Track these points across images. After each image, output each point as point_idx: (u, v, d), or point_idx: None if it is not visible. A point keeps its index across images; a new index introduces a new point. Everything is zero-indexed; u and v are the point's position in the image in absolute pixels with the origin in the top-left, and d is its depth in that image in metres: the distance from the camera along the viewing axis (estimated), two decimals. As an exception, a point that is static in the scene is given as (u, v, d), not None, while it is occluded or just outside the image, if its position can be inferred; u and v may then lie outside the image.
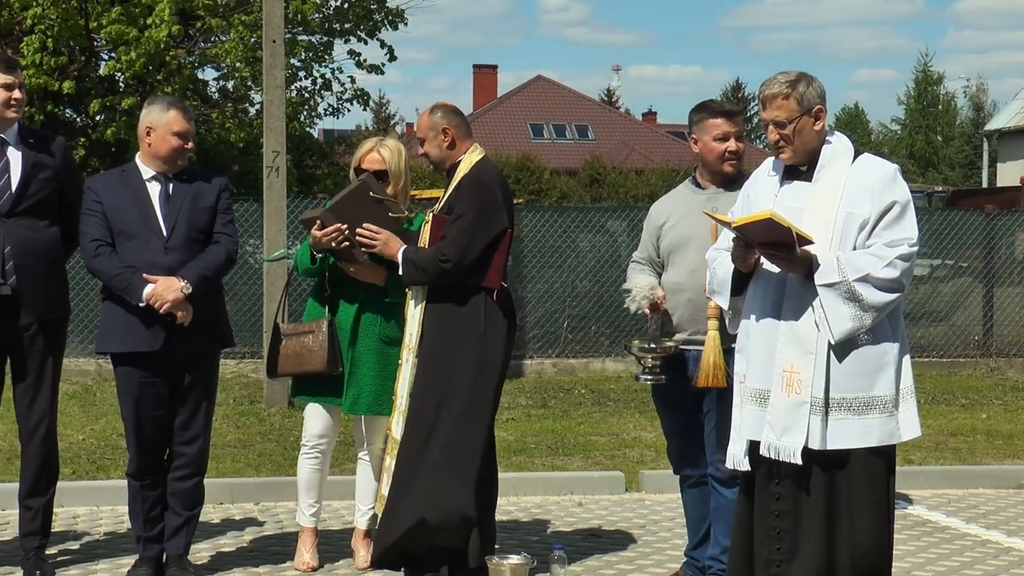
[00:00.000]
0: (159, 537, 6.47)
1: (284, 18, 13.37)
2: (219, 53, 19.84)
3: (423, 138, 6.35)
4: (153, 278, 6.15)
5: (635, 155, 51.40)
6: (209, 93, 22.92)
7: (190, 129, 6.38)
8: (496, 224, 6.11)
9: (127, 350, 6.29)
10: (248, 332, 14.66)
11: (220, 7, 19.79)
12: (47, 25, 18.32)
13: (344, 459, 8.88)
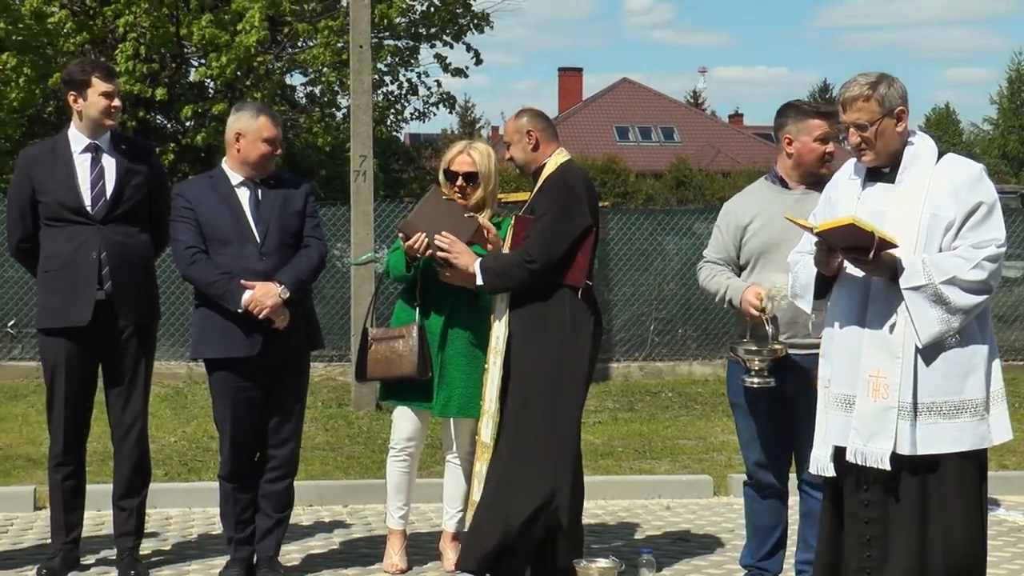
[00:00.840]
0: (250, 539, 6.53)
1: (371, 23, 13.45)
2: (307, 58, 20.01)
3: (509, 142, 6.36)
4: (251, 284, 6.21)
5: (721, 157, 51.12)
6: (296, 98, 23.13)
7: (279, 135, 6.43)
8: (579, 222, 6.08)
9: (225, 356, 6.35)
10: (336, 335, 14.75)
11: (307, 13, 19.97)
12: (139, 33, 18.58)
13: (432, 462, 8.91)
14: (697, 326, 15.60)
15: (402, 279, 6.55)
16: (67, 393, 6.54)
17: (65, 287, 6.41)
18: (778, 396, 6.00)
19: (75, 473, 6.70)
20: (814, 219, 5.18)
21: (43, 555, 6.93)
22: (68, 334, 6.46)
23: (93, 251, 6.39)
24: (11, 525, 7.73)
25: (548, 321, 6.06)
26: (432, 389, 6.50)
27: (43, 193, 6.45)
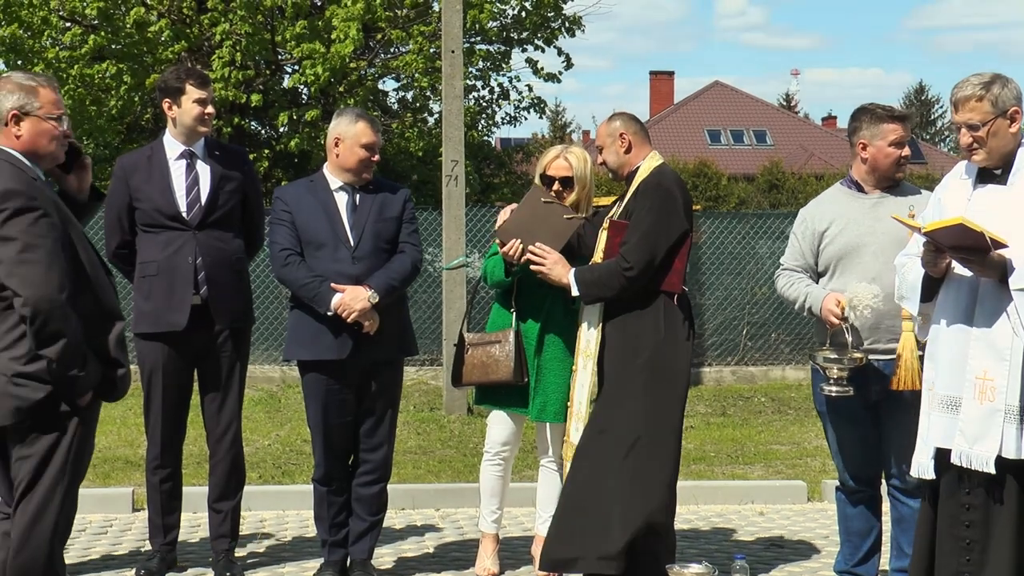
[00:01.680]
0: (344, 541, 6.57)
1: (463, 28, 13.49)
2: (399, 64, 20.12)
3: (601, 146, 6.33)
4: (340, 287, 6.25)
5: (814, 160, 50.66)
6: (389, 103, 23.27)
7: (377, 141, 6.46)
8: (676, 227, 6.02)
9: (315, 358, 6.40)
10: (428, 340, 14.83)
11: (400, 19, 20.08)
12: (235, 40, 18.80)
13: (523, 465, 8.92)
14: (790, 330, 15.48)
15: (500, 284, 6.54)
16: (164, 397, 6.63)
17: (161, 292, 6.51)
18: (861, 403, 5.94)
19: (172, 476, 6.79)
20: (922, 220, 5.13)
21: (141, 556, 7.04)
22: (164, 338, 6.55)
23: (189, 256, 6.48)
24: (111, 526, 7.84)
25: (642, 326, 6.00)
26: (527, 394, 6.50)
27: (139, 199, 6.55)
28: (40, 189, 4.70)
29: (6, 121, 4.78)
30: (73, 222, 4.80)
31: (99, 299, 4.77)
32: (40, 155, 4.83)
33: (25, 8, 18.19)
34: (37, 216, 4.59)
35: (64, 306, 4.55)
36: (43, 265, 4.55)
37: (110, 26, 18.52)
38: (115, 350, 4.79)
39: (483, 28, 20.33)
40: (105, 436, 10.69)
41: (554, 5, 21.39)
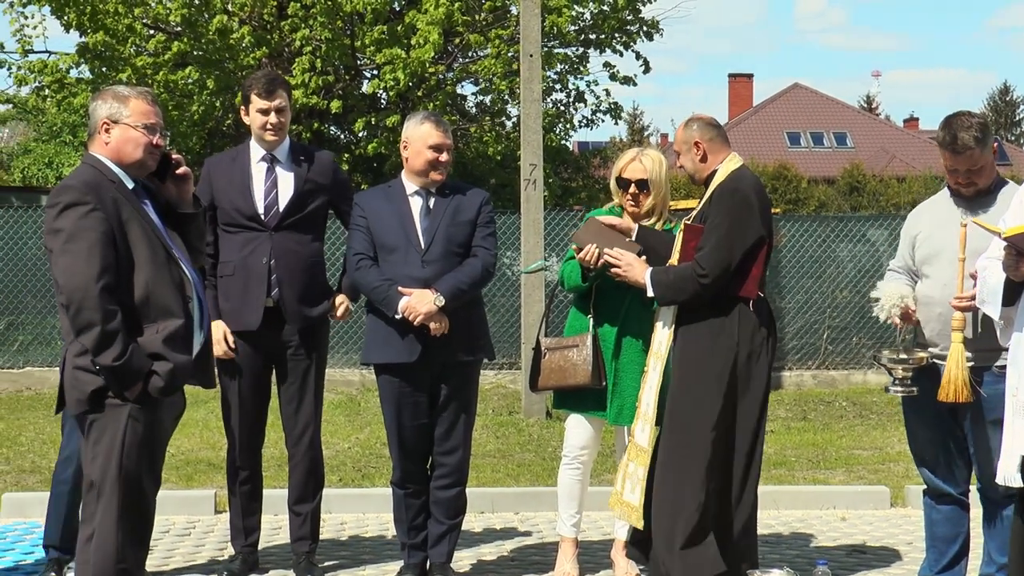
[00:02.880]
0: (423, 544, 6.59)
1: (541, 32, 13.49)
2: (478, 69, 20.16)
3: (679, 151, 6.30)
4: (407, 291, 6.28)
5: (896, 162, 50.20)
6: (467, 107, 23.33)
7: (445, 142, 6.45)
8: (752, 232, 5.95)
9: (386, 361, 6.44)
10: (506, 343, 14.85)
11: (478, 23, 20.12)
12: (315, 46, 18.93)
13: (603, 469, 8.89)
14: (872, 334, 15.32)
15: (577, 289, 6.54)
16: (240, 397, 6.70)
17: (237, 292, 6.58)
18: (943, 405, 5.87)
19: (252, 478, 6.84)
20: (1003, 224, 5.05)
21: (224, 558, 7.10)
22: (240, 338, 6.62)
23: (263, 257, 6.55)
24: (193, 528, 7.92)
25: (716, 331, 5.95)
26: (606, 397, 6.49)
27: (220, 199, 6.63)
28: (101, 187, 4.89)
29: (99, 129, 5.03)
30: (139, 220, 4.94)
31: (153, 295, 4.90)
32: (127, 162, 5.02)
33: (111, 16, 18.43)
34: (87, 211, 4.81)
35: (99, 297, 4.73)
36: (82, 256, 4.77)
37: (193, 33, 18.71)
38: (161, 345, 4.88)
39: (561, 32, 20.31)
40: (188, 438, 10.80)
41: (632, 9, 21.33)
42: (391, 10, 19.64)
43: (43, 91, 20.44)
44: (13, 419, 12.25)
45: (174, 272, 4.99)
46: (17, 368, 15.11)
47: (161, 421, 5.05)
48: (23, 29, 20.20)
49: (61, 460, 6.49)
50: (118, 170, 5.00)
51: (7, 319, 15.64)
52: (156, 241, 4.96)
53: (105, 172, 4.98)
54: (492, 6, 19.91)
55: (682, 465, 5.93)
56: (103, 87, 5.15)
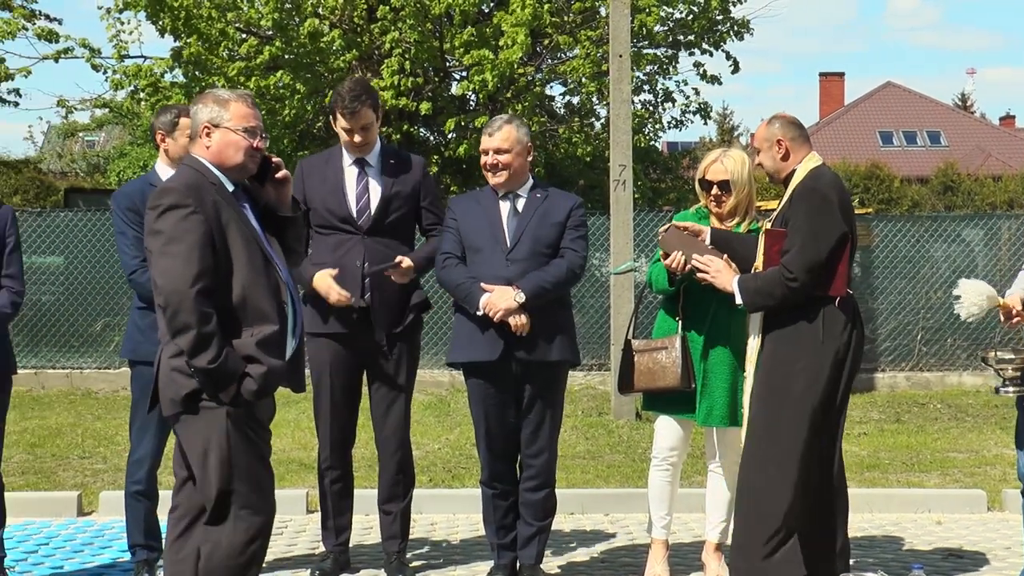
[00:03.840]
0: (512, 545, 6.60)
1: (630, 32, 13.46)
2: (566, 70, 20.15)
3: (759, 148, 6.24)
4: (489, 287, 6.30)
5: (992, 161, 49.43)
6: (555, 108, 23.31)
7: (491, 146, 6.48)
8: (834, 230, 5.87)
9: (469, 360, 6.47)
10: (595, 344, 14.84)
11: (567, 24, 20.12)
12: (404, 48, 19.02)
13: (693, 471, 8.85)
14: (967, 335, 15.12)
15: (664, 291, 6.51)
16: (332, 397, 6.76)
17: None
18: None
19: (342, 477, 6.89)
20: None
21: (315, 557, 7.16)
22: (332, 339, 6.68)
23: (357, 260, 6.60)
24: (285, 528, 7.98)
25: (803, 330, 5.89)
26: (695, 399, 6.45)
27: (313, 200, 6.68)
28: (202, 190, 4.92)
29: (200, 133, 5.07)
30: (238, 223, 4.96)
31: (250, 299, 4.90)
32: (228, 165, 5.07)
33: (204, 21, 18.65)
34: (187, 213, 4.83)
35: (195, 300, 4.75)
36: (180, 259, 4.78)
37: (284, 37, 18.88)
38: (255, 348, 4.88)
39: (650, 32, 20.25)
40: (280, 439, 10.90)
41: (722, 9, 21.21)
42: (479, 12, 19.68)
43: (138, 95, 20.73)
44: (110, 419, 12.45)
45: (271, 276, 5.00)
46: (113, 368, 15.36)
47: (259, 421, 5.06)
48: (119, 35, 20.50)
49: (132, 462, 6.58)
50: (218, 173, 5.04)
51: (103, 320, 15.90)
52: (254, 245, 4.98)
53: (206, 175, 5.01)
54: (581, 7, 19.89)
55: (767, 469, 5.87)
56: (205, 90, 5.15)
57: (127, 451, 6.85)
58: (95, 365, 15.61)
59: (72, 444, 10.96)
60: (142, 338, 6.46)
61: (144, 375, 6.47)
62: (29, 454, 10.39)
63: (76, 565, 7.12)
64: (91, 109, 31.27)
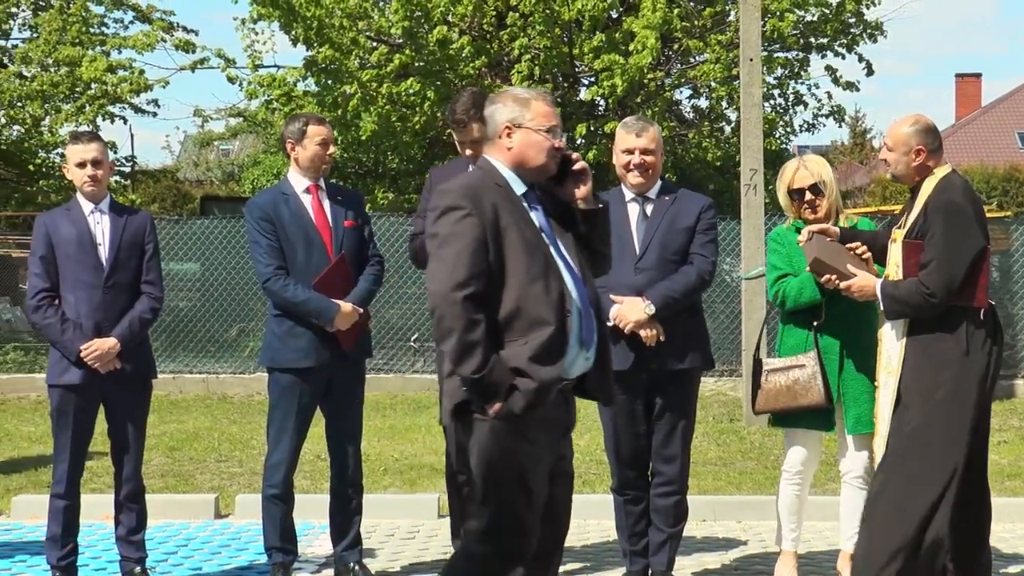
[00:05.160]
0: (644, 552, 6.56)
1: (761, 36, 13.35)
2: (696, 74, 20.05)
3: (892, 148, 6.13)
4: (619, 298, 6.26)
5: None
6: (684, 113, 23.21)
7: (638, 145, 6.38)
8: (972, 244, 5.79)
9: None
10: (726, 350, 14.72)
11: (697, 28, 20.01)
12: (533, 55, 19.08)
13: (827, 479, 8.74)
14: (1111, 341, 14.72)
15: (813, 303, 6.38)
16: None
17: None
18: None
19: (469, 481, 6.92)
20: None
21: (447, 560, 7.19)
22: None
23: None
24: (417, 532, 8.04)
25: (945, 342, 5.80)
26: (824, 411, 6.35)
27: None
28: (482, 192, 4.73)
29: (500, 134, 4.86)
30: (519, 227, 4.72)
31: (525, 306, 4.65)
32: (529, 167, 4.85)
33: (335, 30, 18.89)
34: (462, 215, 4.64)
35: (461, 305, 4.54)
36: (448, 263, 4.59)
37: (414, 44, 19.05)
38: (526, 360, 4.61)
39: (781, 35, 20.06)
40: (412, 443, 11.00)
41: (855, 11, 20.92)
42: (609, 17, 19.66)
43: (271, 104, 21.08)
44: (245, 423, 12.66)
45: (552, 283, 4.71)
46: (248, 373, 15.61)
47: (532, 438, 4.72)
48: (253, 45, 20.88)
49: (269, 466, 6.67)
50: (509, 174, 4.83)
51: (238, 326, 16.19)
52: (536, 250, 4.73)
53: (493, 177, 4.82)
54: (711, 11, 19.78)
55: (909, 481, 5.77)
56: (501, 90, 4.98)
57: (262, 455, 6.96)
58: (231, 370, 15.89)
59: (209, 448, 11.16)
60: (280, 345, 6.56)
61: (281, 381, 6.58)
62: (168, 457, 10.60)
63: (214, 567, 7.25)
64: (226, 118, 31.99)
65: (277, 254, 6.57)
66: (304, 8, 18.59)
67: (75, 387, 6.41)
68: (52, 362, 6.50)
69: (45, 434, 10.78)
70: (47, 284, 6.43)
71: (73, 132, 6.82)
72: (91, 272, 6.43)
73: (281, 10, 18.90)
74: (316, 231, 6.62)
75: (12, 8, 22.60)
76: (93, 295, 6.42)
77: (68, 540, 6.54)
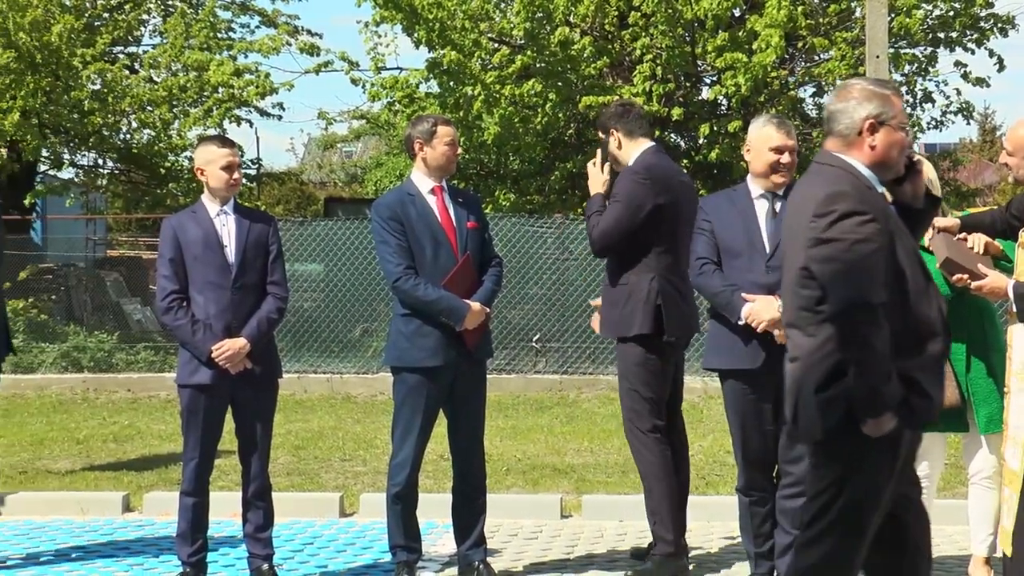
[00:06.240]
0: (769, 554, 6.49)
1: (887, 32, 13.15)
2: (821, 72, 19.81)
3: (1011, 152, 6.01)
4: (751, 297, 6.21)
5: None
6: (807, 111, 22.95)
7: (786, 144, 6.32)
8: None
9: (730, 367, 6.39)
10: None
11: (823, 26, 19.77)
12: (655, 54, 18.99)
13: (956, 482, 8.58)
14: None
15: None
16: None
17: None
18: None
19: None
20: None
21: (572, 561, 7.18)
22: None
23: None
24: (540, 532, 8.04)
25: None
26: (951, 412, 6.23)
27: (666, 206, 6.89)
28: (871, 197, 4.44)
29: (860, 130, 4.53)
30: (903, 234, 4.51)
31: (919, 316, 4.43)
32: (889, 167, 4.58)
33: (457, 32, 18.98)
34: (864, 220, 4.30)
35: (874, 313, 4.22)
36: (857, 271, 4.23)
37: (535, 45, 19.07)
38: (921, 370, 4.40)
39: (909, 32, 19.73)
40: (533, 444, 11.01)
41: (985, 3, 20.50)
42: (732, 16, 19.50)
43: (394, 106, 21.23)
44: (369, 422, 12.77)
45: (933, 292, 4.50)
46: (371, 373, 15.74)
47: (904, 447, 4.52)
48: (376, 47, 21.05)
49: (394, 465, 6.70)
50: (871, 176, 4.53)
51: (362, 326, 16.34)
52: (915, 256, 4.51)
53: (860, 179, 4.49)
54: (836, 8, 19.52)
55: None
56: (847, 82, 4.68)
57: (386, 454, 7.00)
58: (354, 370, 16.04)
59: (333, 447, 11.28)
60: (407, 344, 6.61)
61: (407, 381, 6.62)
62: (293, 456, 10.74)
63: (340, 565, 7.32)
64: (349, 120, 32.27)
65: (406, 254, 6.61)
66: (426, 11, 18.69)
67: (205, 387, 6.51)
68: (182, 362, 6.61)
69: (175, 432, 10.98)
70: (176, 286, 6.54)
71: (214, 135, 6.95)
72: (219, 273, 6.52)
73: (404, 13, 19.02)
74: (442, 231, 6.66)
75: (143, 15, 23.06)
76: (222, 296, 6.51)
77: (198, 537, 6.65)
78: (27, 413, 13.99)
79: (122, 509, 8.71)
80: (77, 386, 15.92)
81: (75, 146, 22.26)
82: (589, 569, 7.14)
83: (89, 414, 13.90)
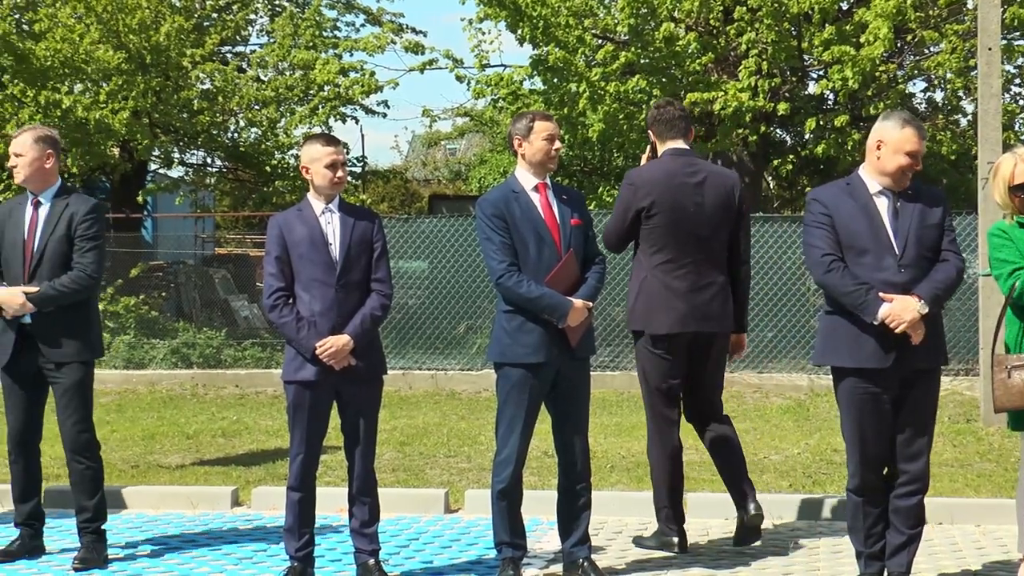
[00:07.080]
0: (880, 554, 6.41)
1: (1000, 24, 12.91)
2: (930, 65, 19.50)
3: None
4: (889, 297, 6.11)
5: None
6: (915, 105, 22.60)
7: (919, 149, 6.29)
8: None
9: (857, 366, 6.25)
10: (962, 349, 14.32)
11: (932, 19, 19.46)
12: (760, 49, 18.82)
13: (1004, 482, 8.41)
14: None
15: None
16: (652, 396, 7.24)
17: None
18: None
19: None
20: None
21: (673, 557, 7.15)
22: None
23: None
24: (644, 529, 7.99)
25: None
26: None
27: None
28: None
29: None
30: None
31: None
32: None
33: (561, 28, 18.97)
34: None
35: None
36: None
37: (640, 41, 18.99)
38: None
39: (1022, 23, 19.34)
40: (638, 441, 10.96)
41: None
42: (839, 9, 19.26)
43: (498, 103, 21.27)
44: (473, 419, 12.81)
45: None
46: (475, 370, 15.79)
47: None
48: (480, 44, 21.10)
49: (498, 462, 6.71)
50: None
51: (466, 323, 16.40)
52: None
53: None
54: (947, 0, 19.20)
55: None
56: None
57: (490, 451, 7.03)
58: (458, 367, 16.09)
59: (438, 443, 11.32)
60: (510, 341, 6.62)
61: (511, 377, 6.63)
62: (398, 452, 10.80)
63: (445, 560, 7.35)
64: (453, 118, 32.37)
65: (509, 251, 6.62)
66: (530, 8, 18.70)
67: (310, 383, 6.57)
68: (288, 359, 6.68)
69: (282, 428, 11.11)
70: (282, 283, 6.61)
71: (320, 134, 7.04)
72: (324, 270, 6.58)
73: (508, 10, 19.04)
74: (546, 228, 6.66)
75: (251, 15, 23.34)
76: (327, 293, 6.57)
77: (304, 531, 6.71)
78: (139, 408, 14.23)
79: (231, 504, 8.83)
80: (186, 382, 16.15)
81: (184, 145, 22.61)
82: (693, 567, 7.10)
83: (198, 409, 14.10)
